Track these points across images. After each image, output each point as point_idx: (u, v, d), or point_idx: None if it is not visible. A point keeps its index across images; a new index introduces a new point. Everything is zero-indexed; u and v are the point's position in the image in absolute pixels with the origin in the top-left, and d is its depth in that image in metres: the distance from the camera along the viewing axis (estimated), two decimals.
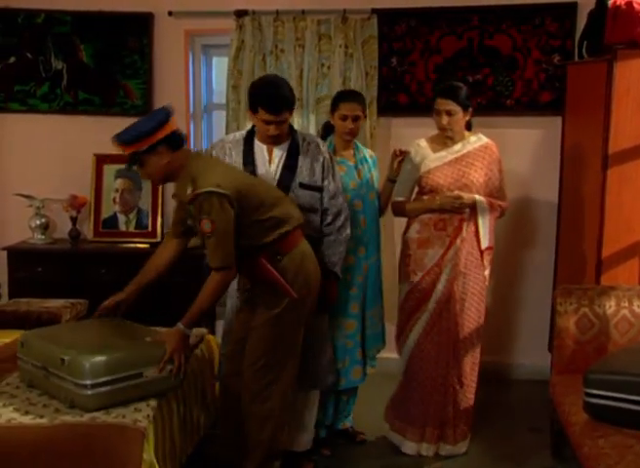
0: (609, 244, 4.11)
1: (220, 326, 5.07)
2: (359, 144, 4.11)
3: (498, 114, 5.05)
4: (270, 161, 3.56)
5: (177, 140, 3.27)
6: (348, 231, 3.65)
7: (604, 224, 4.10)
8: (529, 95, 5.07)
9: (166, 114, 3.24)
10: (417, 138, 4.47)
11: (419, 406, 3.93)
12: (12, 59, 5.33)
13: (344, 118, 3.92)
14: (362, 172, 3.98)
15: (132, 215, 5.33)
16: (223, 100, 5.36)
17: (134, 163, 3.28)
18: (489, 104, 5.09)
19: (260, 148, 3.59)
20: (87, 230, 5.37)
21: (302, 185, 3.55)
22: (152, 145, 3.18)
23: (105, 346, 3.07)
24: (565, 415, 3.42)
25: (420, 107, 5.07)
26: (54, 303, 4.60)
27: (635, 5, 4.09)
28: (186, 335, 3.24)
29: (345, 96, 4.04)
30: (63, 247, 5.24)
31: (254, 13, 5.06)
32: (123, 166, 5.26)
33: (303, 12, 5.05)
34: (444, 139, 3.91)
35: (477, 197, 3.83)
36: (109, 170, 5.32)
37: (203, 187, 3.15)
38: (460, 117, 3.83)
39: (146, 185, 5.30)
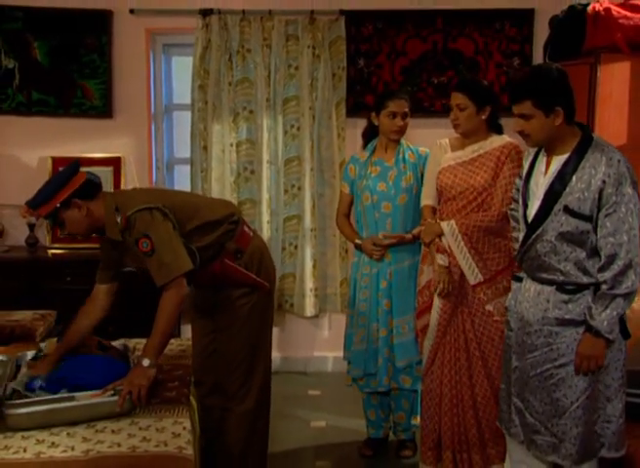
0: None
1: (187, 330, 4.67)
2: (404, 144, 3.68)
3: None
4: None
5: (90, 189, 2.91)
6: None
7: None
8: None
9: (73, 167, 2.92)
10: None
11: (431, 425, 3.47)
12: None
13: (394, 115, 3.56)
14: (395, 174, 3.60)
15: None
16: (184, 101, 4.91)
17: (54, 224, 3.01)
18: None
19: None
20: (43, 237, 4.79)
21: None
22: (64, 201, 2.83)
23: None
24: None
25: None
26: (21, 315, 4.04)
27: (613, 11, 3.96)
28: (147, 368, 2.70)
29: (393, 93, 3.68)
30: (21, 255, 4.62)
31: (219, 12, 4.61)
32: (81, 169, 4.77)
33: (270, 12, 4.64)
34: (463, 139, 3.43)
35: (445, 226, 3.29)
36: None
37: (131, 208, 2.84)
38: (472, 114, 3.32)
39: (107, 188, 4.70)
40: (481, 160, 3.35)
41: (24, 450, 2.36)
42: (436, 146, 3.51)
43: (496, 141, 3.36)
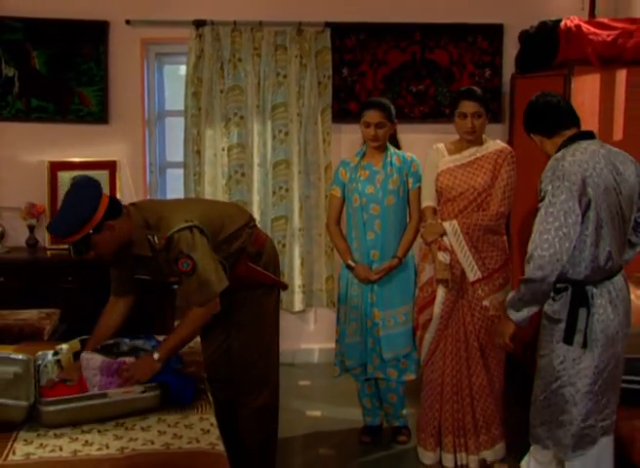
0: None
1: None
2: (391, 149, 3.71)
3: (439, 121, 4.86)
4: None
5: (116, 208, 2.71)
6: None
7: None
8: None
9: (98, 189, 2.68)
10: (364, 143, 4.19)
11: (431, 413, 3.57)
12: None
13: (367, 125, 3.60)
14: (382, 177, 3.64)
15: None
16: (175, 107, 4.94)
17: (85, 250, 2.68)
18: (430, 113, 4.94)
19: None
20: (42, 238, 4.74)
21: None
22: (98, 225, 2.63)
23: None
24: None
25: None
26: (28, 314, 4.03)
27: (583, 28, 4.09)
28: (156, 363, 2.68)
29: (367, 104, 3.70)
30: (21, 256, 4.57)
31: (212, 23, 4.63)
32: (78, 173, 4.75)
33: (260, 23, 4.67)
34: (461, 143, 3.52)
35: (448, 226, 3.40)
36: (64, 177, 4.72)
37: (171, 228, 2.70)
38: (485, 121, 3.46)
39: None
40: (479, 162, 3.46)
41: (60, 449, 2.35)
42: (433, 151, 3.60)
43: (491, 146, 3.50)
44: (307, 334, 5.11)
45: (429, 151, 3.62)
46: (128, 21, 4.66)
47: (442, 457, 3.56)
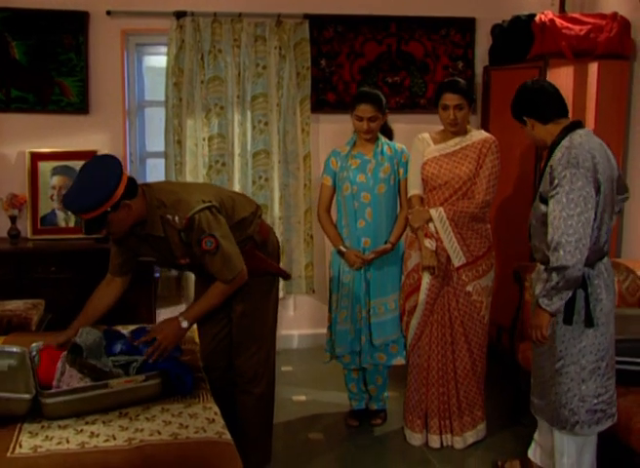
0: None
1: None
2: (383, 139, 3.68)
3: (414, 112, 4.90)
4: None
5: (133, 188, 2.65)
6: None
7: None
8: None
9: (119, 168, 2.61)
10: (342, 133, 4.18)
11: (418, 396, 3.57)
12: None
13: (359, 119, 3.57)
14: (373, 166, 3.61)
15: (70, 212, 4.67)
16: (155, 98, 4.84)
17: (98, 227, 2.60)
18: (406, 103, 4.93)
19: None
20: (24, 228, 4.60)
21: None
22: (116, 203, 2.56)
23: None
24: None
25: (346, 105, 4.72)
26: (14, 305, 3.92)
27: (557, 22, 4.12)
28: (183, 329, 2.72)
29: (360, 98, 3.62)
30: (3, 246, 4.41)
31: (192, 14, 4.54)
32: (58, 163, 4.64)
33: (240, 15, 4.59)
34: (446, 133, 3.51)
35: (434, 213, 3.41)
36: (45, 167, 4.59)
37: (192, 208, 2.67)
38: (467, 112, 3.45)
39: None
40: (464, 152, 3.47)
41: (67, 441, 2.29)
42: (418, 140, 3.59)
43: (475, 135, 3.51)
44: (287, 321, 5.08)
45: (414, 141, 3.61)
46: (108, 12, 4.54)
47: (428, 438, 3.58)
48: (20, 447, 2.26)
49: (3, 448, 2.24)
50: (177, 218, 2.67)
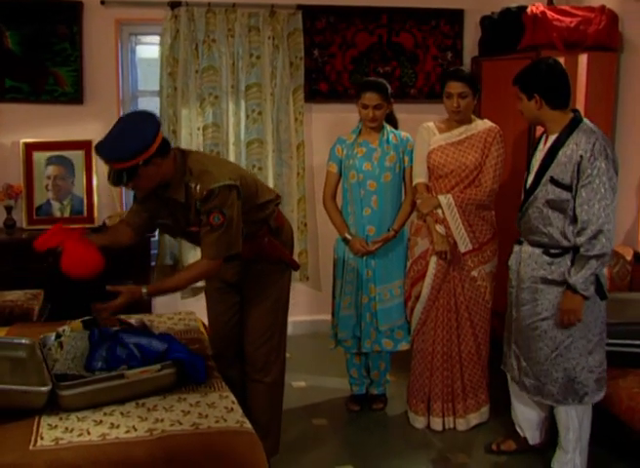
0: None
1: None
2: (388, 128, 3.65)
3: (404, 101, 4.84)
4: None
5: (166, 147, 2.62)
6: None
7: None
8: (428, 85, 4.97)
9: (157, 124, 2.58)
10: (335, 123, 4.16)
11: (422, 380, 3.57)
12: None
13: (365, 107, 3.53)
14: (379, 154, 3.58)
15: (66, 202, 4.54)
16: (148, 87, 4.76)
17: (127, 180, 2.54)
18: (396, 93, 4.84)
19: None
20: (20, 219, 4.50)
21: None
22: (149, 157, 2.52)
23: None
24: None
25: (339, 94, 4.85)
26: (14, 296, 3.85)
27: (548, 14, 4.11)
28: (139, 295, 2.68)
29: (365, 86, 3.58)
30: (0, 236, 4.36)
31: (187, 4, 4.45)
32: (53, 153, 4.55)
33: (234, 5, 4.52)
34: (451, 122, 3.50)
35: (443, 199, 3.39)
36: (40, 157, 4.49)
37: (216, 182, 2.62)
38: (471, 101, 3.43)
39: (79, 171, 4.57)
40: (469, 141, 3.46)
41: (88, 433, 2.24)
42: (423, 129, 3.57)
43: (480, 125, 3.50)
44: None
45: (419, 129, 3.60)
46: (103, 2, 4.43)
47: (430, 421, 3.59)
48: (42, 439, 2.21)
49: (24, 441, 2.19)
50: (198, 187, 2.64)
